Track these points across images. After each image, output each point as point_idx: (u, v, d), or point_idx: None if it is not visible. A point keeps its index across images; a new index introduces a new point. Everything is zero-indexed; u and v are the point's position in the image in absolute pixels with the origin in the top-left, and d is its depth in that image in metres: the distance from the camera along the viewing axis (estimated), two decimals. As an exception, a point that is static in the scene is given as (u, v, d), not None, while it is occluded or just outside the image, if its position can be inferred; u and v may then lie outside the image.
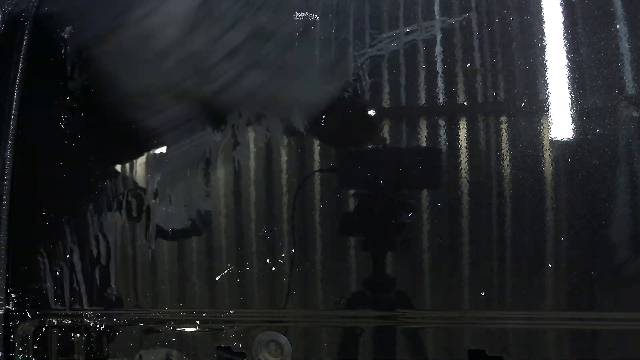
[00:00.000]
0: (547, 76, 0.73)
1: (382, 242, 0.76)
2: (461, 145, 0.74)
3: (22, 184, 0.88)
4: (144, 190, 0.83)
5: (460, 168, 0.74)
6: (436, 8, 0.77)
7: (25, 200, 0.88)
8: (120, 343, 0.85)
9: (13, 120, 0.88)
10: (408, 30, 0.77)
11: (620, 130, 0.70)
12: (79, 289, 0.85)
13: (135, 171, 0.85)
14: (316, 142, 0.78)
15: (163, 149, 0.83)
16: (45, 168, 0.88)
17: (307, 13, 0.77)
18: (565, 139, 0.71)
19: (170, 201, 0.82)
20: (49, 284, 0.86)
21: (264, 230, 0.79)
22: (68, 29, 0.90)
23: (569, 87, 0.72)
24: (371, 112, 0.77)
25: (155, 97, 0.83)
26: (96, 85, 0.87)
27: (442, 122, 0.75)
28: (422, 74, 0.76)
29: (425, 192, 0.75)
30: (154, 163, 0.83)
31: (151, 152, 0.84)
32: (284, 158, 0.79)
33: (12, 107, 0.89)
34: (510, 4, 0.75)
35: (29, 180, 0.88)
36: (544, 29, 0.74)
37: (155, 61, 0.83)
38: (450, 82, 0.75)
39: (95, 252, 0.84)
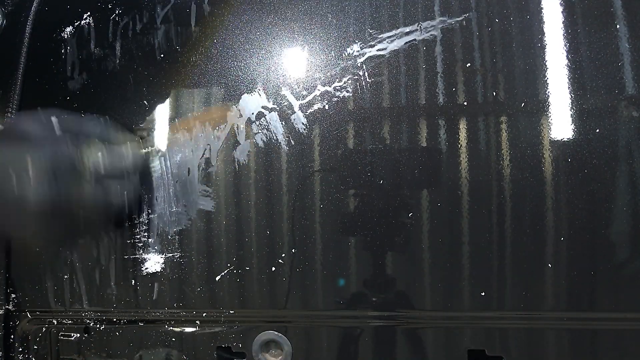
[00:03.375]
0: (547, 76, 0.73)
1: (382, 242, 0.76)
2: (461, 145, 0.74)
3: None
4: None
5: (460, 168, 0.74)
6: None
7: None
8: (120, 343, 0.85)
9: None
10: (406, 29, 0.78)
11: (620, 130, 0.70)
12: (79, 288, 0.85)
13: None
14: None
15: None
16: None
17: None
18: (565, 139, 0.71)
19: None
20: (49, 283, 0.86)
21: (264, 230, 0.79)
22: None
23: (568, 87, 0.72)
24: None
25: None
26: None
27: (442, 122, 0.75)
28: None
29: (425, 192, 0.75)
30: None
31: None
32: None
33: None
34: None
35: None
36: (544, 29, 0.74)
37: None
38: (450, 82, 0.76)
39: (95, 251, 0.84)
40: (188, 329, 0.83)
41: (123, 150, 0.72)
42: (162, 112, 0.85)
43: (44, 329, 0.88)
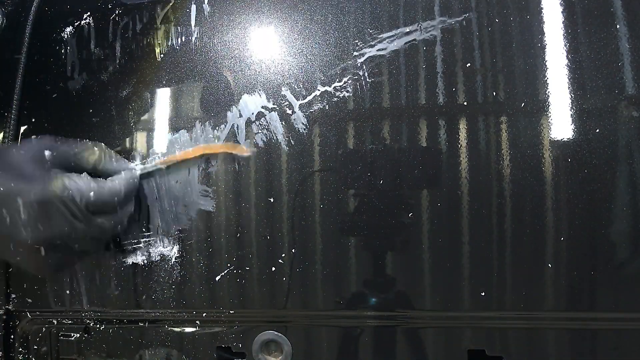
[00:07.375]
0: (547, 76, 0.73)
1: (382, 242, 0.76)
2: (461, 145, 0.74)
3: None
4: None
5: (460, 168, 0.74)
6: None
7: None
8: (120, 343, 0.85)
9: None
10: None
11: (620, 130, 0.70)
12: (79, 288, 0.85)
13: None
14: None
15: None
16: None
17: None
18: (565, 139, 0.71)
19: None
20: (49, 283, 0.86)
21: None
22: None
23: (569, 87, 0.72)
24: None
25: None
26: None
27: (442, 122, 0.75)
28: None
29: (425, 192, 0.75)
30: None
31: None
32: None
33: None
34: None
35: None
36: (544, 29, 0.74)
37: None
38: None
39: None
40: (188, 329, 0.83)
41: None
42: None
43: (44, 329, 0.88)
